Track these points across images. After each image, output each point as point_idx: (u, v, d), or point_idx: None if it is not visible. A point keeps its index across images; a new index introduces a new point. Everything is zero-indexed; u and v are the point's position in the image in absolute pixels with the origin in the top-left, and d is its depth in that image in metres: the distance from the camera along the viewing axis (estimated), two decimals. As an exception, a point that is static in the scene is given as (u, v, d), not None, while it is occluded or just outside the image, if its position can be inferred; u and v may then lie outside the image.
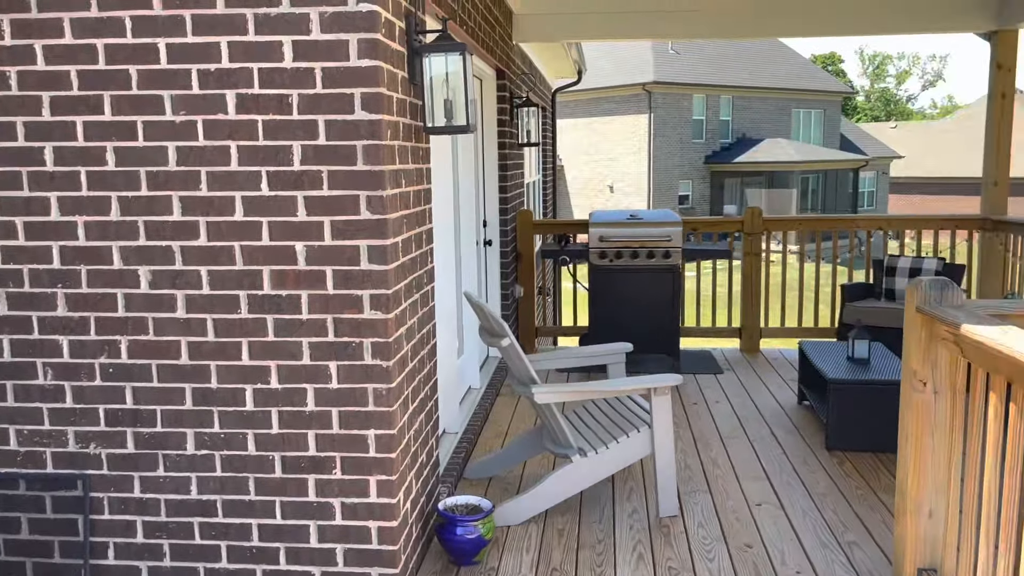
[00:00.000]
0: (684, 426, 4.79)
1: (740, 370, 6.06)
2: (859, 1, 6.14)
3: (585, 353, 4.12)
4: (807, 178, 31.06)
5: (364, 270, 2.77)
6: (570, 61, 9.53)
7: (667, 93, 29.47)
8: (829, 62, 67.09)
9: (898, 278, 6.02)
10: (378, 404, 2.83)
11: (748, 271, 6.49)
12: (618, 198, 30.75)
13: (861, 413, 4.29)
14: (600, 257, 5.98)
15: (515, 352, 3.52)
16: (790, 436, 4.59)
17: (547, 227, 6.80)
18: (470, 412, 4.87)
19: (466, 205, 5.20)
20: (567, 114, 31.43)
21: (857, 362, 4.59)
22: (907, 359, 2.71)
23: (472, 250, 5.38)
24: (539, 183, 10.14)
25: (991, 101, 6.12)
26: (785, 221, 6.56)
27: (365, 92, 2.69)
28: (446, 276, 4.32)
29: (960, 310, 2.52)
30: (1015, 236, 5.97)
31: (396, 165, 2.87)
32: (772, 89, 32.43)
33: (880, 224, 6.41)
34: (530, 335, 6.76)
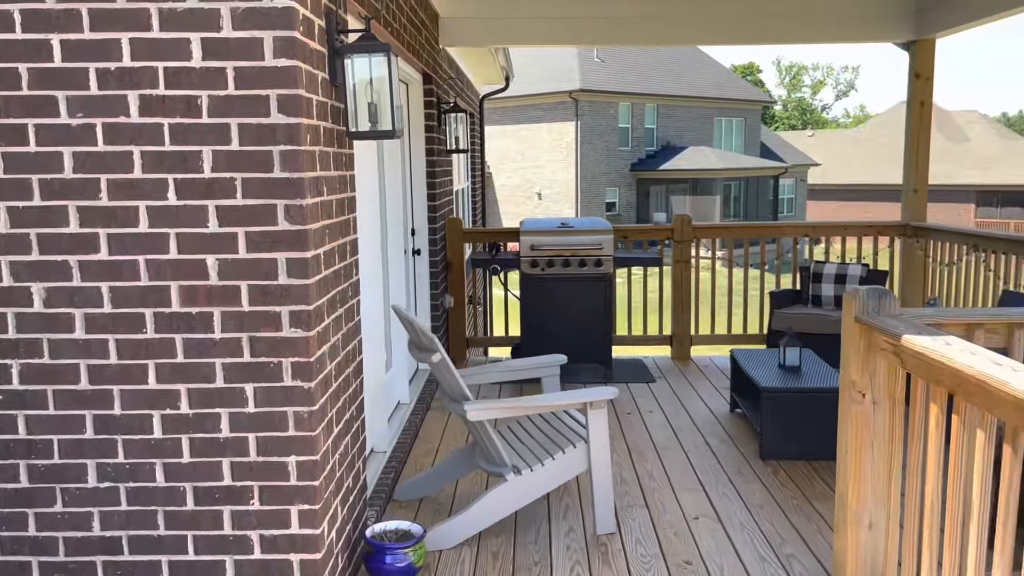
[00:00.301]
0: (618, 437, 4.72)
1: (672, 378, 6.04)
2: (781, 11, 6.22)
3: (518, 366, 3.99)
4: (729, 185, 31.82)
5: (283, 285, 2.58)
6: (497, 67, 9.44)
7: (593, 101, 29.75)
8: (748, 72, 69.06)
9: (824, 284, 6.10)
10: (299, 428, 2.64)
11: (678, 279, 6.49)
12: (546, 205, 30.87)
13: (794, 422, 4.28)
14: (532, 266, 5.88)
15: (446, 367, 3.37)
16: (724, 445, 4.56)
17: (477, 235, 6.67)
18: (399, 429, 4.69)
19: (393, 213, 5.02)
20: (495, 121, 31.41)
21: (789, 370, 4.60)
22: (845, 369, 2.68)
23: (400, 260, 5.21)
24: (468, 190, 10.01)
25: (910, 109, 6.27)
26: (714, 228, 6.59)
27: (282, 94, 2.51)
28: (372, 288, 4.14)
29: (898, 320, 2.49)
30: (934, 242, 6.12)
31: (317, 172, 2.69)
32: (695, 98, 33.11)
33: (806, 231, 6.50)
34: (461, 346, 6.61)
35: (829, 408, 4.25)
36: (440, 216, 6.22)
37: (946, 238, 5.92)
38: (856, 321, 2.59)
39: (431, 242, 6.01)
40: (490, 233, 6.66)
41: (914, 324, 2.39)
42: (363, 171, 3.99)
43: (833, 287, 6.05)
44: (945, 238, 5.94)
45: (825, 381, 4.37)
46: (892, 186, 40.15)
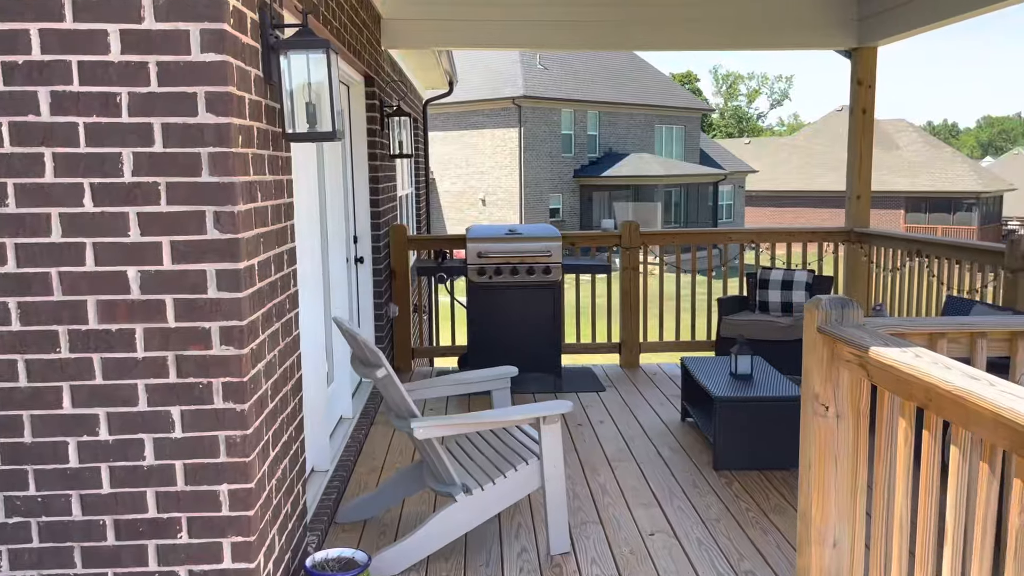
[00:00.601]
0: (570, 449, 4.59)
1: (622, 387, 5.95)
2: (724, 17, 6.20)
3: (467, 379, 3.83)
4: (670, 191, 32.20)
5: (212, 299, 2.37)
6: (441, 71, 9.27)
7: (536, 107, 29.79)
8: (686, 80, 70.26)
9: (771, 291, 6.09)
10: (232, 454, 2.43)
11: (627, 286, 6.41)
12: (490, 211, 30.76)
13: (748, 431, 4.22)
14: (479, 274, 5.72)
15: (392, 383, 3.19)
16: (677, 456, 4.47)
17: (422, 242, 6.49)
18: (342, 445, 4.48)
19: (334, 220, 4.81)
20: (438, 126, 31.20)
21: (741, 378, 4.54)
22: (808, 381, 2.59)
23: (342, 268, 5.00)
24: (412, 196, 9.81)
25: (852, 117, 6.32)
26: (662, 235, 6.54)
27: (210, 91, 2.31)
28: (312, 298, 3.93)
29: (863, 331, 2.41)
30: (877, 247, 6.17)
31: (250, 176, 2.49)
32: (636, 105, 33.45)
33: (752, 238, 6.50)
34: (406, 356, 6.41)
35: (782, 416, 4.20)
36: (384, 223, 6.02)
37: (889, 244, 5.97)
38: (819, 332, 2.50)
39: (374, 249, 5.81)
40: (436, 240, 6.48)
41: (880, 335, 2.31)
42: (302, 175, 3.79)
43: (779, 293, 6.05)
44: (888, 244, 5.98)
45: (777, 389, 4.32)
46: (825, 192, 41.21)
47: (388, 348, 6.18)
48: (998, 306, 4.47)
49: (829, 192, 41.13)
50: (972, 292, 5.00)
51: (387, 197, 6.22)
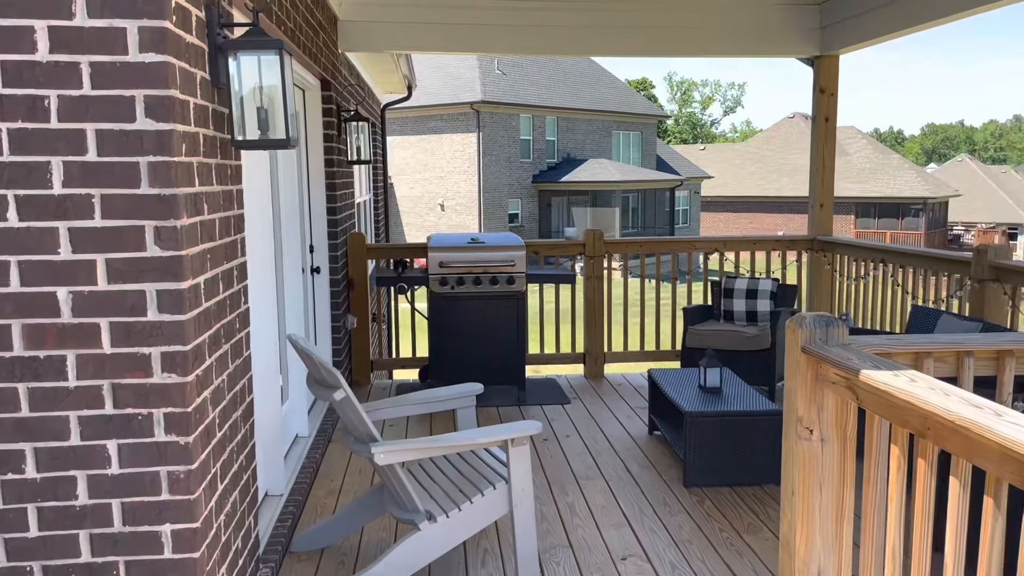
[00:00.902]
0: (537, 467, 4.44)
1: (587, 398, 5.82)
2: (689, 25, 6.13)
3: (430, 398, 3.65)
4: (628, 197, 32.35)
5: (152, 321, 2.17)
6: (400, 75, 9.07)
7: (495, 112, 29.69)
8: (642, 87, 70.91)
9: (736, 299, 6.02)
10: (175, 491, 2.23)
11: (591, 295, 6.29)
12: (449, 216, 30.55)
13: (719, 447, 4.11)
14: (440, 284, 5.55)
15: (350, 406, 3.00)
16: (646, 472, 4.35)
17: (382, 251, 6.29)
18: (298, 466, 4.26)
19: (289, 230, 4.60)
20: (396, 131, 30.89)
21: (710, 391, 4.43)
22: (790, 403, 2.47)
23: (297, 279, 4.78)
24: (370, 203, 9.58)
25: (815, 125, 6.29)
26: (626, 243, 6.44)
27: (151, 95, 2.11)
28: (266, 312, 3.72)
29: (850, 350, 2.30)
30: (840, 256, 6.14)
31: (195, 187, 2.29)
32: (594, 111, 33.56)
33: (716, 246, 6.43)
34: (365, 369, 6.20)
35: (753, 431, 4.10)
36: (341, 231, 5.81)
37: (853, 252, 5.95)
38: (803, 351, 2.39)
39: (332, 259, 5.60)
40: (396, 249, 6.28)
41: (867, 356, 2.20)
42: (255, 184, 3.58)
43: (744, 302, 5.98)
44: (852, 252, 5.96)
45: (748, 403, 4.22)
46: (779, 198, 41.87)
47: (346, 361, 5.97)
48: (965, 316, 4.44)
49: (782, 197, 41.79)
50: (938, 302, 4.98)
51: (345, 205, 6.01)
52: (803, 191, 40.64)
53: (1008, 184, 50.13)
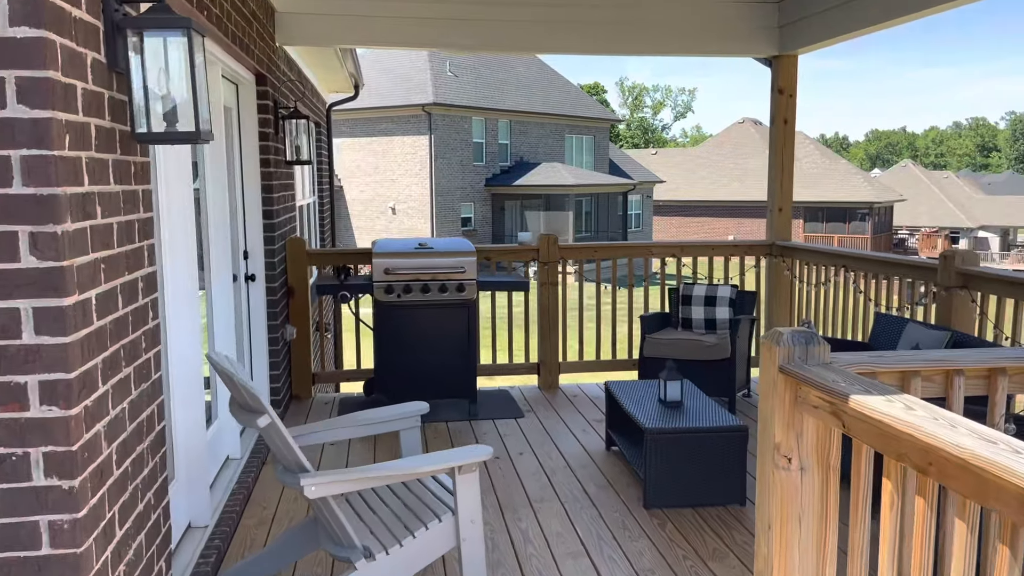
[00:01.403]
0: (488, 489, 4.15)
1: (541, 411, 5.55)
2: (647, 21, 5.92)
3: (369, 419, 3.34)
4: (581, 201, 32.29)
5: (28, 345, 1.83)
6: (345, 73, 8.72)
7: (447, 115, 29.35)
8: (594, 92, 71.25)
9: (694, 307, 5.82)
10: (58, 544, 1.89)
11: (545, 302, 6.03)
12: (400, 220, 30.11)
13: (680, 465, 3.87)
14: (386, 292, 5.23)
15: (276, 433, 2.68)
16: (604, 493, 4.09)
17: (324, 257, 5.94)
18: (227, 492, 3.91)
19: (218, 235, 4.24)
20: (346, 132, 30.35)
21: (670, 406, 4.20)
22: (766, 428, 2.23)
23: (227, 288, 4.42)
24: (315, 205, 9.20)
25: (773, 127, 6.13)
26: (580, 248, 6.20)
27: (23, 76, 1.77)
28: (187, 326, 3.37)
29: (831, 370, 2.06)
30: (800, 262, 5.99)
31: (84, 187, 1.96)
32: (547, 115, 33.44)
33: (674, 251, 6.23)
34: (306, 382, 5.84)
35: (716, 449, 3.88)
36: (279, 236, 5.45)
37: (814, 258, 5.79)
38: (782, 372, 2.15)
39: (268, 266, 5.24)
40: (339, 254, 5.94)
41: (855, 379, 1.96)
42: (173, 184, 3.24)
43: (703, 310, 5.78)
44: (812, 258, 5.81)
45: (711, 418, 4.00)
46: (729, 202, 42.32)
47: (285, 374, 5.61)
48: (932, 324, 4.29)
49: (733, 202, 42.25)
50: (902, 309, 4.83)
51: (283, 207, 5.65)
52: (753, 195, 41.15)
53: (949, 189, 51.51)
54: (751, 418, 5.35)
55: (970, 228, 47.41)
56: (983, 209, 49.80)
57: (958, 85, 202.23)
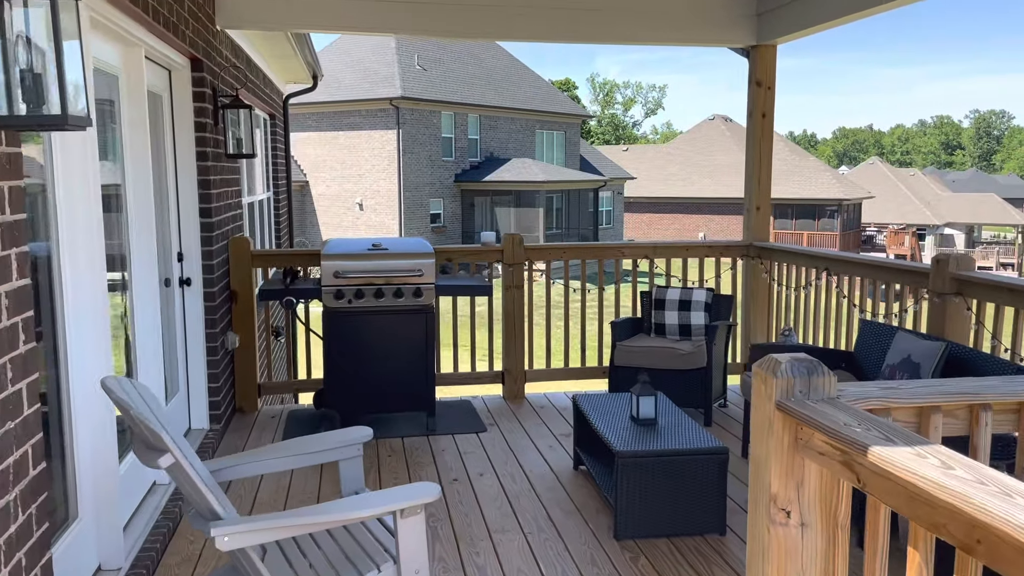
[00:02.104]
0: (443, 518, 3.76)
1: (505, 424, 5.17)
2: (619, 8, 5.56)
3: (303, 448, 2.93)
4: (552, 197, 31.94)
5: None
6: (300, 62, 8.25)
7: (415, 109, 28.84)
8: (565, 88, 71.01)
9: (667, 312, 5.48)
10: None
11: (510, 307, 5.65)
12: (368, 216, 29.55)
13: (655, 492, 3.52)
14: (335, 297, 4.81)
15: (183, 475, 2.27)
16: (571, 520, 3.72)
17: (271, 259, 5.50)
18: (149, 525, 3.47)
19: (141, 236, 3.80)
20: (311, 126, 29.72)
21: (644, 424, 3.84)
22: (759, 474, 1.87)
23: (153, 295, 3.98)
24: (269, 202, 8.73)
25: (751, 121, 5.81)
26: (548, 249, 5.83)
27: None
28: (93, 343, 2.94)
29: (837, 407, 1.71)
30: (779, 263, 5.67)
31: (-97, 183, 1.53)
32: (517, 110, 33.04)
33: (647, 252, 5.87)
34: (251, 394, 5.40)
35: (694, 473, 3.52)
36: (220, 235, 5.01)
37: (793, 260, 5.48)
38: (779, 409, 1.79)
39: (206, 268, 4.80)
40: (287, 256, 5.51)
41: (875, 423, 1.61)
42: (73, 180, 2.80)
43: (677, 315, 5.44)
44: (792, 260, 5.49)
45: (688, 438, 3.64)
46: (699, 199, 42.26)
47: (227, 386, 5.17)
48: (924, 334, 3.98)
49: (703, 199, 42.21)
50: (889, 316, 4.52)
51: (225, 204, 5.21)
52: (724, 192, 41.13)
53: (916, 186, 52.00)
54: (730, 432, 5.02)
55: (936, 225, 47.88)
56: (948, 206, 50.35)
57: (924, 84, 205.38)
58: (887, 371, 3.96)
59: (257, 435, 4.98)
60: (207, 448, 4.54)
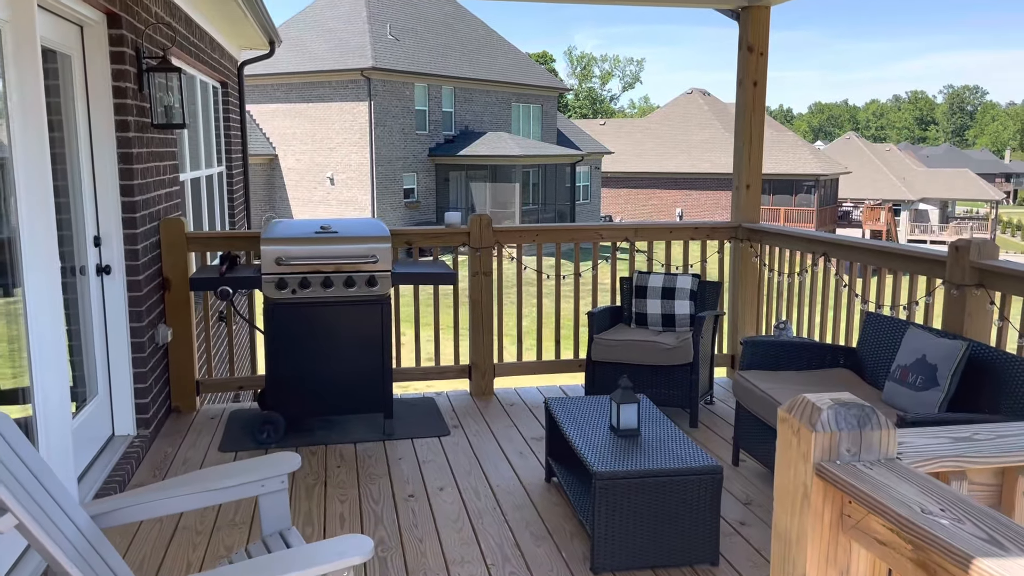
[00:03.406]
0: (393, 546, 3.27)
1: (471, 426, 4.68)
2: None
3: (215, 483, 2.41)
4: (528, 172, 31.32)
5: None
6: (254, 26, 7.59)
7: (387, 80, 28.00)
8: (542, 61, 70.10)
9: (650, 300, 5.00)
10: None
11: (477, 296, 5.13)
12: (339, 190, 28.78)
13: (638, 517, 3.04)
14: (278, 287, 4.27)
15: (28, 535, 1.75)
16: (541, 549, 3.24)
17: (208, 242, 4.93)
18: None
19: (35, 219, 3.22)
20: (280, 98, 28.80)
21: (625, 436, 3.36)
22: (789, 559, 1.38)
23: (53, 285, 3.41)
24: (222, 178, 8.10)
25: (741, 90, 5.30)
26: (519, 232, 5.30)
27: None
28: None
29: (900, 475, 1.22)
30: (770, 246, 5.20)
31: None
32: (493, 82, 32.28)
33: (627, 234, 5.37)
34: (188, 393, 4.86)
35: (683, 495, 3.05)
36: (147, 217, 4.44)
37: (787, 243, 5.00)
38: (820, 477, 1.29)
39: (129, 254, 4.23)
40: (228, 239, 4.94)
41: (972, 512, 1.12)
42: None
43: (660, 303, 4.96)
44: (785, 243, 5.01)
45: (675, 453, 3.17)
46: (676, 174, 41.80)
47: (160, 385, 4.62)
48: (939, 330, 3.53)
49: (681, 174, 41.76)
50: (896, 308, 4.07)
51: (155, 181, 4.62)
52: (702, 168, 40.72)
53: (891, 161, 51.94)
54: (717, 434, 4.56)
55: (911, 201, 47.91)
56: (923, 181, 50.39)
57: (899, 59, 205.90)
58: (897, 372, 3.51)
59: (192, 439, 4.45)
60: (131, 457, 4.00)
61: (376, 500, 3.68)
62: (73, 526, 2.06)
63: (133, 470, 3.96)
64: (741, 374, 3.91)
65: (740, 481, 3.89)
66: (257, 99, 29.01)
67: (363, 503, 3.65)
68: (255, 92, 28.79)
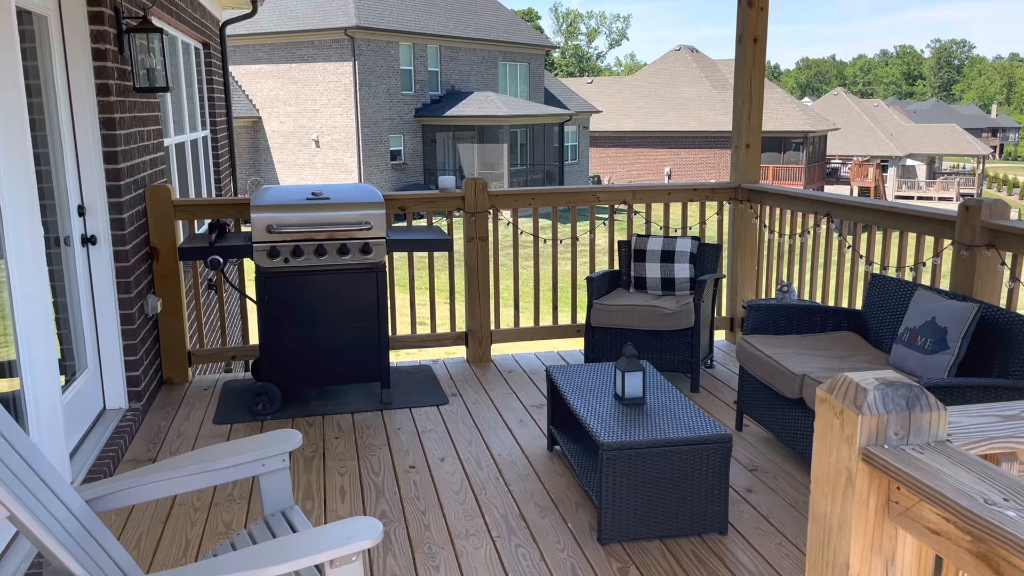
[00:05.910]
0: (396, 519, 3.21)
1: (470, 394, 4.62)
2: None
3: (212, 463, 2.33)
4: (515, 132, 30.98)
5: None
6: (235, -17, 7.35)
7: (371, 39, 27.49)
8: (528, 18, 69.06)
9: (648, 264, 4.91)
10: None
11: (473, 262, 5.03)
12: (325, 153, 28.41)
13: (646, 488, 2.99)
14: (269, 256, 4.16)
15: (24, 529, 1.67)
16: (547, 520, 3.20)
17: (196, 210, 4.79)
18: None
19: (14, 189, 3.08)
20: (263, 58, 28.25)
21: (630, 404, 3.30)
22: (831, 547, 1.32)
23: (37, 257, 3.29)
24: (207, 142, 7.90)
25: (740, 47, 5.16)
26: (515, 195, 5.18)
27: None
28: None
29: (953, 459, 1.15)
30: (771, 207, 5.11)
31: None
32: (479, 40, 31.76)
33: (625, 196, 5.26)
34: (180, 363, 4.76)
35: (691, 464, 3.00)
36: (132, 184, 4.29)
37: (788, 204, 4.92)
38: (866, 461, 1.22)
39: (115, 224, 4.10)
40: (217, 206, 4.81)
41: (998, 479, 1.05)
42: None
43: (659, 267, 4.88)
44: (787, 204, 4.93)
45: (682, 422, 3.11)
46: (664, 133, 41.50)
47: (152, 356, 4.52)
48: (948, 292, 3.46)
49: (669, 132, 41.46)
50: (902, 270, 4.00)
51: (138, 148, 4.47)
52: (690, 126, 40.43)
53: (879, 117, 51.71)
54: (719, 398, 4.52)
55: (899, 156, 47.84)
56: (910, 137, 50.26)
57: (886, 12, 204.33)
58: (906, 335, 3.45)
59: (186, 411, 4.36)
60: (124, 432, 3.91)
61: (376, 472, 3.62)
62: (66, 510, 1.98)
63: (126, 445, 3.88)
64: (745, 339, 3.84)
65: (745, 447, 3.85)
66: (240, 60, 28.46)
67: (363, 475, 3.59)
68: (237, 53, 28.23)
